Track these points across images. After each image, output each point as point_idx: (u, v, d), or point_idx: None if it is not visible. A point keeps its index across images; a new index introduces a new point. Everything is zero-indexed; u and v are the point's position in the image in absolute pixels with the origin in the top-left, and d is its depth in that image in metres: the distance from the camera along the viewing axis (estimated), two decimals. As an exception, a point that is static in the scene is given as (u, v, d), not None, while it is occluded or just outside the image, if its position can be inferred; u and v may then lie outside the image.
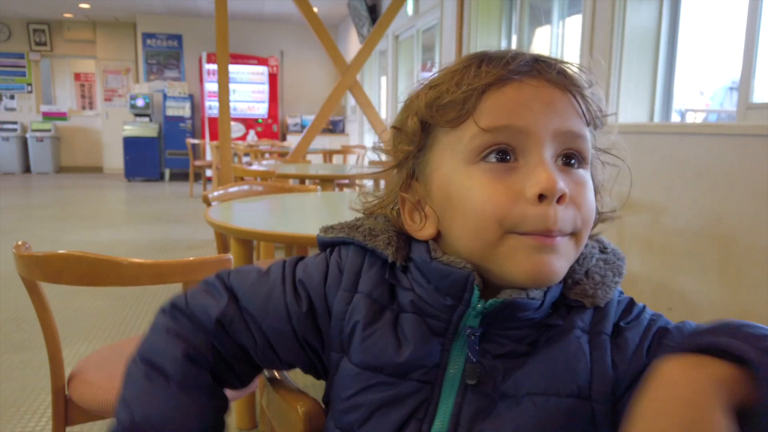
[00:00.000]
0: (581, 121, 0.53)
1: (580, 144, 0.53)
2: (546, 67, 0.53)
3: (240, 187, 2.35)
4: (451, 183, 0.54)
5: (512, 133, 0.51)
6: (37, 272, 1.14)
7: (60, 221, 5.93)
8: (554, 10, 4.12)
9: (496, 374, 0.54)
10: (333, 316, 0.60)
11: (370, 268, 0.60)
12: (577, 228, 0.52)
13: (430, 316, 0.56)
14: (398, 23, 6.78)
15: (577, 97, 0.53)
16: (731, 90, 3.53)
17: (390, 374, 0.56)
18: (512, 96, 0.51)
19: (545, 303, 0.54)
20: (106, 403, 1.25)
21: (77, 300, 3.31)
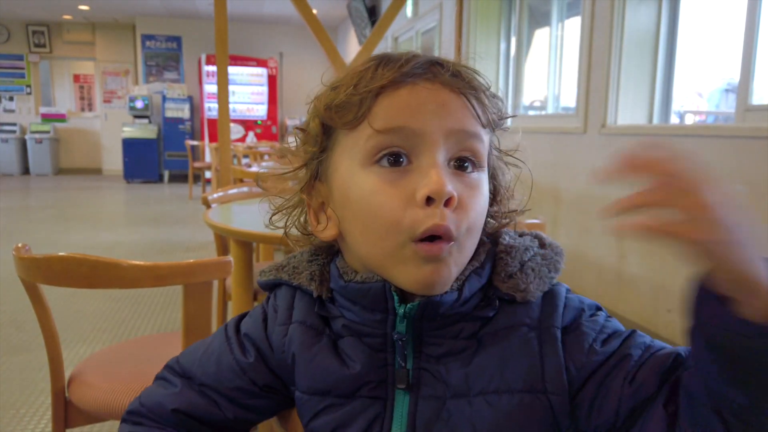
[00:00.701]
0: (476, 122, 0.53)
1: (474, 145, 0.53)
2: (441, 69, 0.53)
3: (239, 188, 2.35)
4: (348, 186, 0.55)
5: (406, 134, 0.51)
6: (36, 274, 1.14)
7: (59, 223, 5.93)
8: (553, 12, 4.13)
9: (443, 377, 0.55)
10: (275, 351, 0.62)
11: (300, 300, 0.62)
12: (461, 231, 0.51)
13: (366, 335, 0.57)
14: (397, 25, 6.79)
15: (472, 99, 0.53)
16: (727, 92, 3.55)
17: (338, 395, 0.57)
18: (406, 98, 0.51)
19: (463, 295, 0.54)
20: (105, 405, 1.25)
21: (77, 302, 3.31)
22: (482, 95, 0.54)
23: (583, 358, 0.53)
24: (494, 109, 0.56)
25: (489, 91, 0.56)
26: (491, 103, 0.55)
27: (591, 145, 3.25)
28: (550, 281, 0.57)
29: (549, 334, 0.55)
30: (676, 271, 2.63)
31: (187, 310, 1.15)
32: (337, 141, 0.56)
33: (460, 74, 0.53)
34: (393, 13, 4.70)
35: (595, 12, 3.19)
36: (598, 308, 0.58)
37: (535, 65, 4.51)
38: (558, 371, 0.53)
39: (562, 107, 4.13)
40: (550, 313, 0.56)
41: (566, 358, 0.54)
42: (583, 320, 0.56)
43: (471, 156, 0.53)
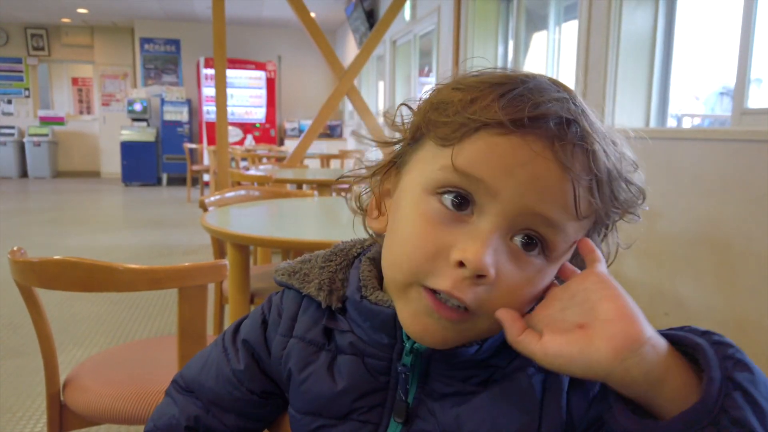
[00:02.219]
0: (567, 214, 0.45)
1: (551, 234, 0.45)
2: (567, 134, 0.44)
3: (237, 192, 2.35)
4: (405, 198, 0.50)
5: (480, 188, 0.45)
6: (32, 278, 1.13)
7: (57, 226, 5.92)
8: (551, 16, 4.14)
9: (435, 412, 0.52)
10: (272, 359, 0.61)
11: (305, 311, 0.60)
12: (484, 311, 0.46)
13: (369, 356, 0.54)
14: (396, 28, 6.80)
15: (580, 188, 0.44)
16: (722, 95, 3.56)
17: (330, 417, 0.55)
18: (503, 151, 0.44)
19: (484, 348, 0.50)
20: (100, 409, 1.24)
21: (74, 305, 3.31)
22: (605, 186, 0.46)
23: (584, 411, 0.49)
24: (622, 196, 0.48)
25: (621, 177, 0.47)
26: (618, 190, 0.47)
27: (588, 148, 3.25)
28: None
29: (556, 380, 0.49)
30: (674, 275, 2.64)
31: (182, 313, 1.15)
32: (424, 143, 0.50)
33: (588, 150, 0.44)
34: (391, 16, 4.71)
35: (591, 15, 3.20)
36: None
37: (532, 69, 4.52)
38: (557, 424, 0.49)
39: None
40: None
41: (568, 410, 0.49)
42: None
43: (543, 241, 0.46)
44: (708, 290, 2.44)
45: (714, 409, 0.38)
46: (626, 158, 0.49)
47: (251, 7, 8.90)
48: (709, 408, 0.38)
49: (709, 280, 2.43)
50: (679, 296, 2.59)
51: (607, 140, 0.46)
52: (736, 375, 0.39)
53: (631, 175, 0.49)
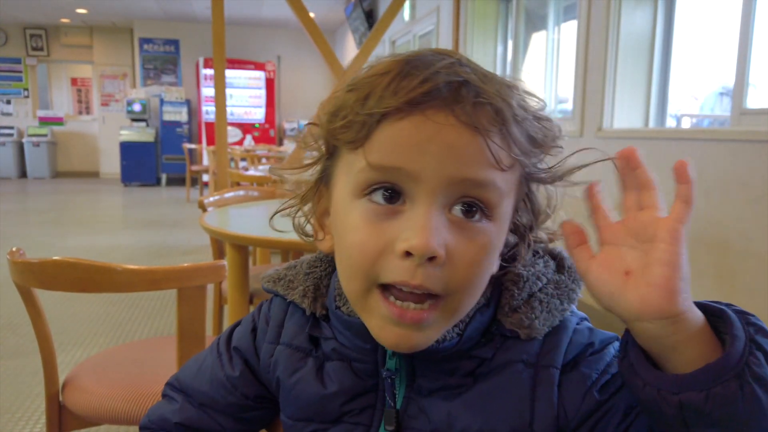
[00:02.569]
0: (491, 168, 0.44)
1: (484, 194, 0.45)
2: (464, 95, 0.43)
3: (235, 192, 2.35)
4: (339, 210, 0.49)
5: (401, 176, 0.44)
6: (31, 279, 1.13)
7: (56, 226, 5.92)
8: (550, 16, 4.14)
9: (426, 410, 0.51)
10: (261, 367, 0.61)
11: (291, 318, 0.60)
12: (449, 290, 0.45)
13: (355, 360, 0.54)
14: (395, 28, 6.80)
15: (494, 138, 0.44)
16: (722, 95, 3.56)
17: (322, 421, 0.55)
18: (409, 134, 0.43)
19: (464, 338, 0.50)
20: (99, 409, 1.24)
21: (74, 306, 3.31)
22: (516, 129, 0.45)
23: (578, 404, 0.48)
24: (538, 135, 0.47)
25: (529, 116, 0.47)
26: (531, 130, 0.47)
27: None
28: (562, 314, 0.51)
29: (546, 374, 0.49)
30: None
31: (181, 314, 1.15)
32: (339, 153, 0.50)
33: (486, 102, 0.44)
34: (390, 16, 4.71)
35: (591, 15, 3.20)
36: (611, 342, 0.52)
37: (532, 69, 4.52)
38: (549, 419, 0.48)
39: (559, 110, 4.14)
40: (551, 349, 0.50)
41: (559, 404, 0.49)
42: (585, 358, 0.50)
43: (479, 203, 0.45)
44: (707, 290, 2.44)
45: (739, 363, 0.39)
46: (529, 98, 0.49)
47: (250, 7, 8.89)
48: (734, 362, 0.39)
49: (709, 279, 2.43)
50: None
51: (504, 88, 0.46)
52: (758, 338, 0.40)
53: (540, 112, 0.49)
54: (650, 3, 3.00)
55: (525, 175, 0.49)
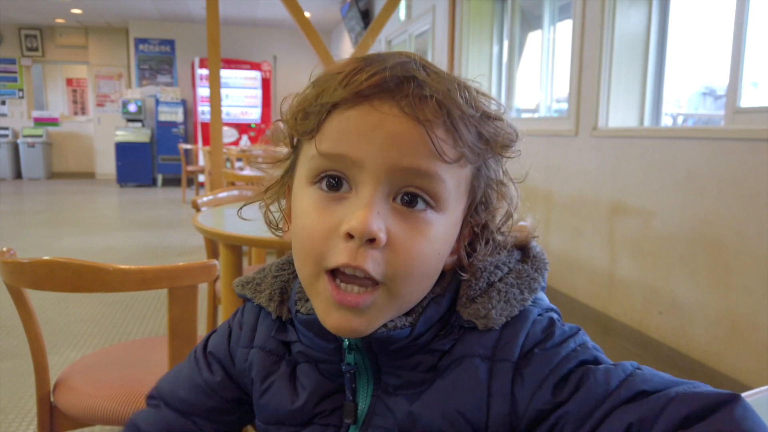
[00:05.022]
0: (435, 159, 0.45)
1: (428, 184, 0.46)
2: (410, 88, 0.45)
3: (229, 192, 2.35)
4: (294, 200, 0.52)
5: (347, 163, 0.46)
6: (21, 279, 1.13)
7: (52, 227, 5.90)
8: (545, 16, 4.14)
9: (391, 409, 0.51)
10: (237, 370, 0.62)
11: (263, 321, 0.60)
12: (389, 275, 0.46)
13: (321, 362, 0.54)
14: (391, 28, 6.80)
15: (437, 131, 0.45)
16: (705, 95, 3.58)
17: (293, 424, 0.55)
18: (355, 122, 0.45)
19: (417, 329, 0.49)
20: (91, 410, 1.24)
21: (67, 306, 3.29)
22: (462, 124, 0.46)
23: (527, 400, 0.47)
24: (489, 133, 0.48)
25: (478, 114, 0.47)
26: (482, 128, 0.47)
27: (582, 147, 3.26)
28: (521, 305, 0.50)
29: (501, 368, 0.48)
30: (668, 273, 2.64)
31: (172, 313, 1.15)
32: (301, 146, 0.52)
33: (431, 96, 0.45)
34: (386, 16, 4.71)
35: (586, 15, 3.21)
36: (572, 334, 0.50)
37: (527, 68, 4.53)
38: (503, 415, 0.47)
39: (555, 110, 4.14)
40: (508, 341, 0.49)
41: (512, 399, 0.47)
42: (541, 352, 0.48)
43: (423, 194, 0.46)
44: (702, 289, 2.44)
45: None
46: (484, 100, 0.49)
47: (246, 8, 8.88)
48: None
49: (703, 278, 2.43)
50: (674, 295, 2.60)
51: (453, 86, 0.47)
52: None
53: (495, 113, 0.50)
54: (645, 2, 3.00)
55: (479, 173, 0.51)
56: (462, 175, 0.48)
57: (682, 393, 0.43)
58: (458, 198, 0.49)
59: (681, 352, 2.55)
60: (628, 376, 0.45)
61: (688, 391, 0.43)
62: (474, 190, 0.51)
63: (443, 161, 0.46)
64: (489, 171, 0.51)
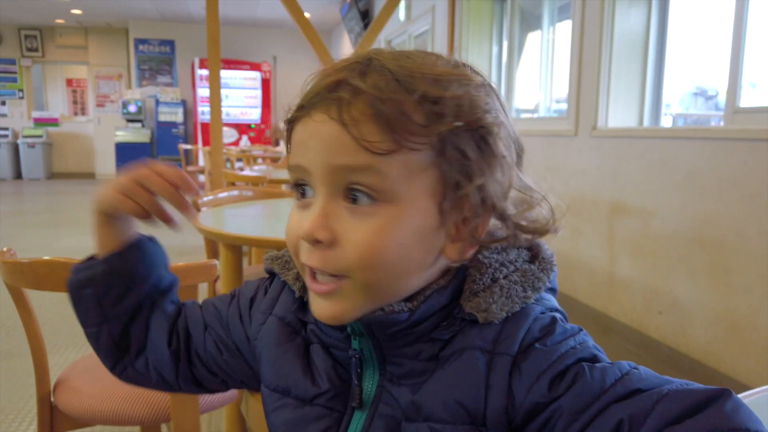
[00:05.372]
0: (365, 152, 0.47)
1: (364, 178, 0.48)
2: (340, 94, 0.48)
3: (230, 192, 2.35)
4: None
5: (302, 172, 0.51)
6: (21, 279, 1.13)
7: (52, 228, 5.90)
8: (545, 16, 4.15)
9: (396, 398, 0.53)
10: (251, 331, 0.64)
11: (287, 293, 0.62)
12: (344, 269, 0.49)
13: (333, 347, 0.57)
14: (390, 28, 6.80)
15: (360, 128, 0.47)
16: (696, 96, 3.60)
17: (296, 397, 0.57)
18: (300, 133, 0.51)
19: (416, 316, 0.51)
20: (91, 410, 1.24)
21: (67, 307, 3.22)
22: (394, 114, 0.46)
23: (524, 394, 0.48)
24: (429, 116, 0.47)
25: (413, 101, 0.47)
26: (429, 110, 0.47)
27: (582, 147, 3.26)
28: (522, 302, 0.51)
29: (500, 361, 0.49)
30: (668, 273, 2.64)
31: (173, 314, 1.15)
32: None
33: (359, 96, 0.47)
34: (386, 16, 4.71)
35: (585, 15, 3.21)
36: (573, 333, 0.51)
37: (527, 69, 4.53)
38: (500, 407, 0.48)
39: (554, 110, 4.15)
40: (508, 336, 0.50)
41: (509, 392, 0.48)
42: (540, 348, 0.49)
43: (364, 188, 0.48)
44: (702, 288, 2.45)
45: None
46: (431, 81, 0.48)
47: (246, 8, 8.89)
48: None
49: (703, 278, 2.44)
50: (674, 295, 2.60)
51: (392, 77, 0.48)
52: None
53: (439, 92, 0.48)
54: (644, 2, 3.01)
55: (444, 153, 0.48)
56: (412, 160, 0.48)
57: (674, 390, 0.44)
58: (413, 184, 0.48)
59: (681, 352, 2.55)
60: (624, 375, 0.46)
61: (679, 388, 0.44)
62: (443, 172, 0.49)
63: (375, 153, 0.47)
64: (464, 148, 0.48)
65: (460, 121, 0.48)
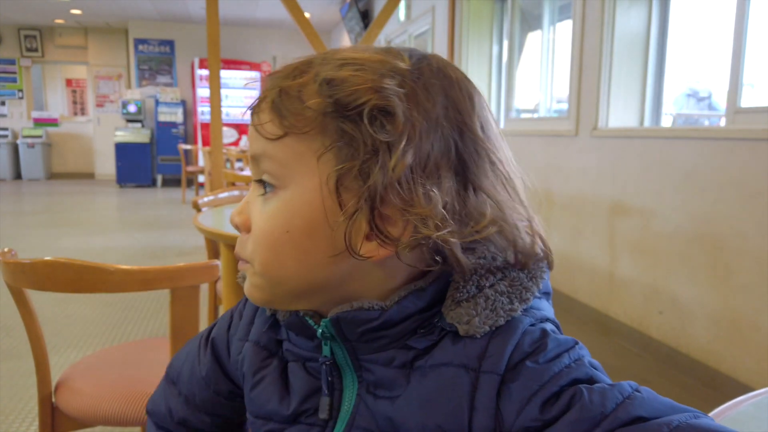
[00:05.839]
0: (260, 140, 0.48)
1: (263, 165, 0.49)
2: (262, 93, 0.50)
3: (230, 192, 2.35)
4: None
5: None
6: (22, 279, 1.13)
7: (51, 228, 5.90)
8: (545, 16, 4.15)
9: (376, 411, 0.50)
10: (231, 363, 0.62)
11: (261, 315, 0.60)
12: (251, 255, 0.50)
13: (308, 360, 0.54)
14: (390, 28, 6.80)
15: (261, 116, 0.48)
16: (689, 97, 3.61)
17: (279, 420, 0.55)
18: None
19: (388, 315, 0.48)
20: (92, 411, 1.24)
21: (68, 307, 3.29)
22: (286, 101, 0.46)
23: (514, 417, 0.44)
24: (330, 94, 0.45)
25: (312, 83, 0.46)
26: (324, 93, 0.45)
27: (582, 147, 3.26)
28: (508, 315, 0.47)
29: (487, 380, 0.45)
30: (668, 273, 2.64)
31: (174, 314, 1.15)
32: None
33: (268, 92, 0.48)
34: (386, 16, 4.71)
35: (585, 15, 3.21)
36: (568, 348, 0.46)
37: (527, 68, 4.53)
38: (486, 429, 0.45)
39: (555, 110, 4.15)
40: (494, 352, 0.46)
41: (497, 415, 0.45)
42: (531, 366, 0.45)
43: (264, 176, 0.49)
44: (702, 288, 2.45)
45: None
46: (335, 66, 0.46)
47: (246, 8, 8.88)
48: None
49: (703, 277, 2.44)
50: (674, 294, 2.60)
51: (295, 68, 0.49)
52: None
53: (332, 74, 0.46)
54: (645, 2, 3.00)
55: (342, 133, 0.45)
56: (302, 145, 0.46)
57: (685, 424, 0.40)
58: (304, 169, 0.47)
59: (681, 351, 2.55)
60: (625, 399, 0.42)
61: (691, 422, 0.40)
62: (336, 157, 0.45)
63: (268, 139, 0.48)
64: (347, 130, 0.45)
65: (341, 99, 0.45)
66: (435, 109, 0.46)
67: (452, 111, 0.47)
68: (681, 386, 2.41)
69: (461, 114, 0.47)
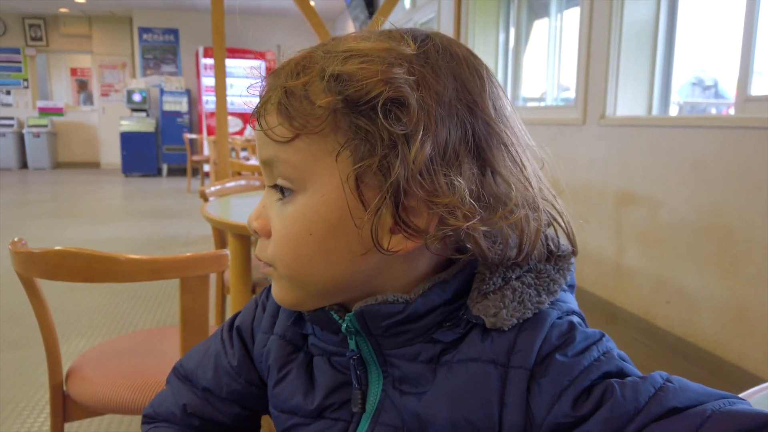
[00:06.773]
0: (271, 144, 0.46)
1: (278, 170, 0.47)
2: (265, 95, 0.49)
3: (237, 182, 2.35)
4: None
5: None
6: (33, 269, 1.13)
7: (57, 217, 5.92)
8: (552, 3, 4.11)
9: (398, 407, 0.49)
10: (255, 355, 0.62)
11: (285, 308, 0.58)
12: (273, 259, 0.49)
13: (333, 354, 0.54)
14: (396, 16, 6.75)
15: (268, 119, 0.47)
16: (694, 86, 3.58)
17: (304, 415, 0.55)
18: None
19: (413, 309, 0.47)
20: (103, 399, 1.25)
21: (76, 296, 3.31)
22: (293, 100, 0.45)
23: (545, 413, 0.44)
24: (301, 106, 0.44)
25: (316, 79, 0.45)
26: (332, 89, 0.43)
27: (590, 136, 3.24)
28: (536, 307, 0.46)
29: (516, 375, 0.45)
30: (675, 263, 2.63)
31: (184, 303, 1.15)
32: None
33: (272, 92, 0.47)
34: (391, 4, 4.67)
35: (593, 2, 3.18)
36: (596, 341, 0.46)
37: (534, 57, 4.50)
38: (517, 425, 0.45)
39: (562, 98, 4.12)
40: (523, 347, 0.45)
41: (527, 411, 0.44)
42: (560, 360, 0.44)
43: (280, 180, 0.48)
44: (710, 278, 2.44)
45: None
46: (341, 60, 0.45)
47: (250, -4, 8.84)
48: None
49: (711, 267, 2.43)
50: (681, 285, 2.59)
51: (303, 62, 0.48)
52: None
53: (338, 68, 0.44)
54: (653, -11, 2.97)
55: (356, 130, 0.44)
56: (315, 144, 0.45)
57: (719, 412, 0.40)
58: (321, 169, 0.45)
59: (688, 341, 2.55)
60: (658, 391, 0.42)
61: (724, 409, 0.40)
62: (353, 153, 0.44)
63: (278, 143, 0.46)
64: (361, 124, 0.43)
65: (351, 95, 0.43)
66: (447, 92, 0.45)
67: (463, 92, 0.46)
68: (688, 376, 2.39)
69: (471, 94, 0.46)
